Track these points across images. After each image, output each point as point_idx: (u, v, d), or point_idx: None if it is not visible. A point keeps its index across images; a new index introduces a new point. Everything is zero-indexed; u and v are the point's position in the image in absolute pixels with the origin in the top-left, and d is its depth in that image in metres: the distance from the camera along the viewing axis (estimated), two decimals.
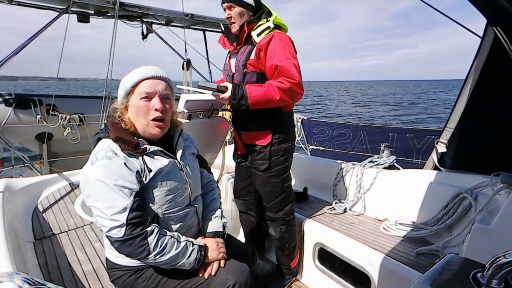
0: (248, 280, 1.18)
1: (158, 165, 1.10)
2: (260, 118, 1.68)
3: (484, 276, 0.54)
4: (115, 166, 1.02)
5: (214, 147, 2.48)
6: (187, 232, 1.21)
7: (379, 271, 1.63)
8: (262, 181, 1.78)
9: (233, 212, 2.66)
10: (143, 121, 1.11)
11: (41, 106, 4.23)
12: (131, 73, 1.13)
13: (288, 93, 1.54)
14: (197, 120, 2.07)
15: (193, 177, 1.23)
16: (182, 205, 1.17)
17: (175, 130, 1.26)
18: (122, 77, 1.16)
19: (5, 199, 1.64)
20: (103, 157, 1.03)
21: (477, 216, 1.51)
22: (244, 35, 1.62)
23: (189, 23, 5.00)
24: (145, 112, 1.09)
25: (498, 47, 1.71)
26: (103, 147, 1.06)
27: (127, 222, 0.99)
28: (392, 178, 2.12)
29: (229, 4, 1.62)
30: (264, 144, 1.71)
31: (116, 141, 1.07)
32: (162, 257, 1.05)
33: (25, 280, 0.85)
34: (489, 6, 1.56)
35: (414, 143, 4.55)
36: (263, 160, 1.73)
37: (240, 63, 1.65)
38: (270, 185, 1.76)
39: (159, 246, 1.04)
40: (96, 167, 1.02)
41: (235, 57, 1.70)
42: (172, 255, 1.07)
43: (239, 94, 1.55)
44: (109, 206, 1.00)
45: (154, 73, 1.12)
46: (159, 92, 1.11)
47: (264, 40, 1.56)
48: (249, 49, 1.62)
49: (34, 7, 3.67)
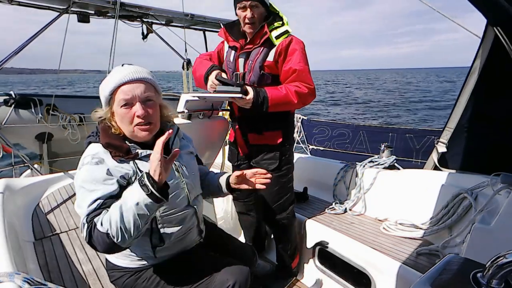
0: (248, 280, 1.18)
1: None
2: (273, 119, 1.67)
3: (484, 276, 0.54)
4: (98, 171, 0.99)
5: (214, 147, 2.48)
6: (187, 234, 1.20)
7: (379, 271, 1.63)
8: (272, 181, 1.77)
9: (233, 212, 2.66)
10: (129, 127, 1.07)
11: (41, 106, 4.23)
12: (107, 78, 1.06)
13: (305, 97, 1.59)
14: (197, 120, 2.07)
15: (190, 177, 1.20)
16: (180, 206, 1.15)
17: (170, 128, 1.21)
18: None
19: (5, 199, 1.64)
20: (89, 162, 1.01)
21: (477, 216, 1.51)
22: (265, 36, 1.59)
23: (189, 23, 5.00)
24: (128, 119, 1.05)
25: (498, 47, 1.71)
26: (90, 152, 1.04)
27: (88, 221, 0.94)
28: (392, 178, 2.12)
29: (255, 3, 1.57)
30: (275, 143, 1.73)
31: (106, 147, 1.04)
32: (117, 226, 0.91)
33: (25, 280, 0.85)
34: (489, 6, 1.56)
35: (414, 143, 4.55)
36: (273, 159, 1.74)
37: (256, 63, 1.62)
38: (278, 184, 1.77)
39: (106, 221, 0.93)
40: (80, 172, 1.01)
41: (244, 56, 1.66)
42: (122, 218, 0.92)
43: (261, 96, 1.53)
44: (83, 213, 0.96)
45: (130, 76, 1.04)
46: (138, 96, 1.04)
47: (284, 43, 1.59)
48: (266, 51, 1.61)
49: (34, 7, 3.67)
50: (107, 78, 1.06)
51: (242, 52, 1.66)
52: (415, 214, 1.93)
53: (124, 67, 1.07)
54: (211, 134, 2.34)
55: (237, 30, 1.71)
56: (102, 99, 1.08)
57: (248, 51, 1.65)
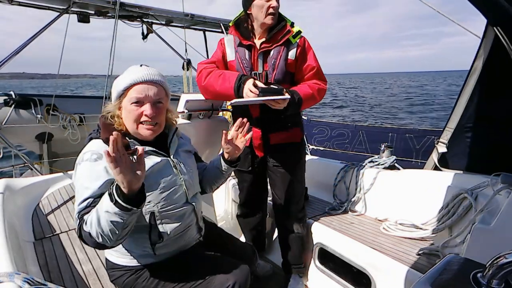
0: (248, 280, 1.18)
1: (150, 163, 1.08)
2: (293, 116, 1.69)
3: (484, 276, 0.54)
4: (97, 168, 1.00)
5: (214, 147, 2.49)
6: (186, 231, 1.21)
7: (379, 271, 1.63)
8: (292, 179, 1.78)
9: (233, 212, 2.67)
10: (133, 125, 1.09)
11: (41, 106, 4.23)
12: (124, 74, 1.10)
13: (323, 94, 1.68)
14: (197, 120, 2.08)
15: (188, 174, 1.21)
16: (178, 202, 1.16)
17: (169, 129, 1.24)
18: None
19: (5, 199, 1.64)
20: (88, 158, 1.02)
21: (477, 216, 1.51)
22: (288, 34, 1.60)
23: (189, 23, 5.00)
24: (135, 116, 1.07)
25: (498, 47, 1.71)
26: (91, 148, 1.05)
27: (79, 217, 0.96)
28: (392, 178, 2.12)
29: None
30: (298, 140, 1.78)
31: (106, 142, 1.04)
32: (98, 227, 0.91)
33: (25, 280, 0.85)
34: (489, 6, 1.56)
35: (414, 143, 4.55)
36: (296, 156, 1.78)
37: (281, 62, 1.60)
38: (301, 181, 1.84)
39: (89, 223, 0.93)
40: (79, 168, 1.02)
41: (262, 55, 1.62)
42: (101, 220, 0.90)
43: (297, 97, 1.54)
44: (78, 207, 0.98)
45: (146, 77, 1.08)
46: (151, 97, 1.08)
47: (301, 42, 1.64)
48: (286, 49, 1.61)
49: (35, 7, 3.67)
50: (124, 75, 1.10)
51: (261, 50, 1.62)
52: (415, 214, 1.93)
53: (143, 67, 1.11)
54: (211, 134, 2.34)
55: (244, 29, 1.67)
56: (113, 93, 1.11)
57: (267, 50, 1.62)
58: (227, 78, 1.59)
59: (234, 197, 2.63)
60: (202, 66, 1.69)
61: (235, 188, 2.62)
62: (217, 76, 1.62)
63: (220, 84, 1.60)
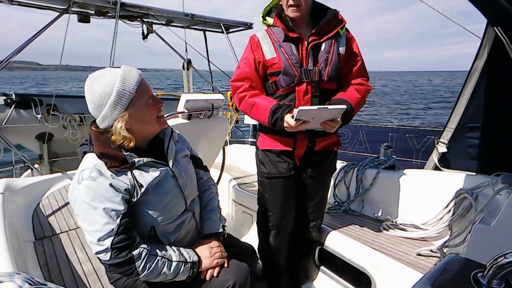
0: (248, 280, 1.18)
1: (149, 178, 1.05)
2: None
3: (484, 276, 0.54)
4: (100, 188, 0.97)
5: (214, 147, 2.49)
6: (186, 237, 1.20)
7: (379, 271, 1.62)
8: (327, 186, 1.74)
9: (233, 212, 2.67)
10: (154, 121, 1.08)
11: (42, 106, 4.23)
12: (123, 80, 1.01)
13: (367, 95, 1.53)
14: (197, 120, 2.07)
15: (188, 181, 1.19)
16: (178, 212, 1.15)
17: (165, 134, 1.19)
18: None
19: (6, 199, 1.64)
20: (88, 177, 0.97)
21: (477, 216, 1.51)
22: (339, 25, 1.43)
23: (190, 23, 5.00)
24: (156, 111, 1.07)
25: (499, 47, 1.71)
26: (88, 165, 1.00)
27: (112, 247, 0.97)
28: (392, 178, 2.12)
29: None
30: (339, 147, 1.66)
31: (101, 158, 1.00)
32: (152, 278, 1.06)
33: (25, 280, 0.85)
34: (489, 6, 1.56)
35: (414, 143, 4.55)
36: (333, 163, 1.68)
37: (334, 56, 1.42)
38: (329, 189, 1.76)
39: (147, 269, 1.02)
40: (82, 188, 0.97)
41: (311, 49, 1.43)
42: (162, 276, 1.06)
43: (349, 106, 1.40)
44: (95, 230, 0.97)
45: (140, 74, 1.05)
46: (151, 90, 1.10)
47: (348, 34, 1.49)
48: (336, 43, 1.44)
49: (34, 7, 3.66)
50: (123, 80, 1.00)
51: (312, 44, 1.42)
52: (415, 214, 1.93)
53: (129, 67, 1.06)
54: (211, 134, 2.34)
55: (285, 19, 1.45)
56: (120, 101, 1.00)
57: (317, 43, 1.43)
58: (259, 110, 1.46)
59: (234, 197, 2.63)
60: (234, 91, 1.54)
61: (235, 188, 2.62)
62: (249, 106, 1.49)
63: (254, 115, 1.50)
